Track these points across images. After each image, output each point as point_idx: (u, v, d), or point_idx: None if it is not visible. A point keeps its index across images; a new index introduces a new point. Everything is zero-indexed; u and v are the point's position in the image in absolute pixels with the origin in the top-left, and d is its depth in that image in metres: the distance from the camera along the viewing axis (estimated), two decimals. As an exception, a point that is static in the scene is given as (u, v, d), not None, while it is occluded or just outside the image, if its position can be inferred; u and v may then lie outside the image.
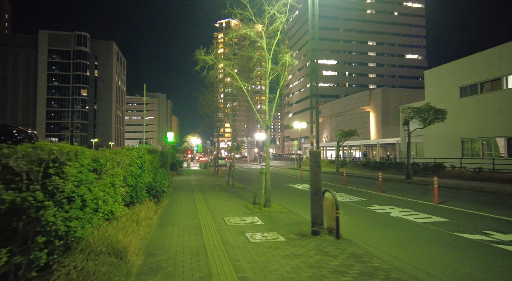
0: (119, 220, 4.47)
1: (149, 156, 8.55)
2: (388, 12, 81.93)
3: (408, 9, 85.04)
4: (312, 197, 4.68)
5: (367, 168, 22.31)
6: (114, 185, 4.37)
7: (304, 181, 15.08)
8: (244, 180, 15.15)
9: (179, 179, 15.35)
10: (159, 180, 7.03)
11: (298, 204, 8.13)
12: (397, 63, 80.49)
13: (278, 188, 11.76)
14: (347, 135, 20.19)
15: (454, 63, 24.44)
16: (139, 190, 5.55)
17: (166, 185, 7.16)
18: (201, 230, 4.86)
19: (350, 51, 79.95)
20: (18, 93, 75.95)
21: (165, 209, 6.63)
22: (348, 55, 79.92)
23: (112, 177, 4.39)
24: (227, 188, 11.09)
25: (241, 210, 6.62)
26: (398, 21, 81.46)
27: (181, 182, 13.67)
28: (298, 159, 29.00)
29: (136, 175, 5.52)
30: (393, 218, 6.29)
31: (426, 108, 14.53)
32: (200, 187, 11.23)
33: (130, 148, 6.08)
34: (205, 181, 14.17)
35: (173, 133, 28.03)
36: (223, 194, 9.19)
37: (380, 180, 10.49)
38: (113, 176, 4.42)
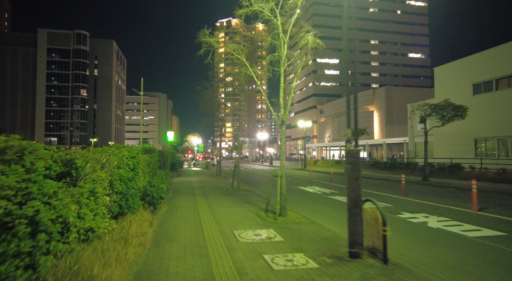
0: (102, 238, 3.46)
1: (146, 156, 7.53)
2: (391, 10, 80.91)
3: (411, 8, 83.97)
4: (350, 209, 3.66)
5: (377, 168, 21.27)
6: (95, 193, 3.35)
7: (314, 183, 14.05)
8: (249, 182, 14.12)
9: (180, 180, 14.35)
10: (156, 184, 6.02)
11: (316, 211, 7.12)
12: (400, 62, 79.49)
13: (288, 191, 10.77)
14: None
15: (466, 59, 23.39)
16: (131, 197, 4.54)
17: (164, 189, 6.16)
18: (206, 249, 3.85)
19: (352, 50, 78.75)
20: (17, 92, 75.11)
21: (163, 218, 5.62)
22: (351, 54, 78.42)
23: (93, 183, 3.36)
24: (232, 191, 10.08)
25: (253, 220, 5.61)
26: (401, 19, 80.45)
27: (181, 183, 12.66)
28: (303, 159, 27.96)
29: (127, 179, 4.51)
30: (434, 230, 5.27)
31: (445, 104, 13.50)
32: (202, 190, 10.22)
33: (120, 146, 5.07)
34: (207, 182, 13.16)
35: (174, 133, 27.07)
36: (228, 199, 8.17)
37: (403, 183, 9.46)
38: (95, 181, 3.40)
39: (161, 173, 8.56)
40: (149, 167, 7.83)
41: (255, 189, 11.23)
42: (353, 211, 3.63)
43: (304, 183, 13.69)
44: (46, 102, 74.42)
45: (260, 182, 14.84)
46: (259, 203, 7.55)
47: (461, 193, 10.48)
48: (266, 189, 11.17)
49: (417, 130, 28.46)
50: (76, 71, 75.73)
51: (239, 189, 10.46)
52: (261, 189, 11.24)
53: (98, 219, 3.33)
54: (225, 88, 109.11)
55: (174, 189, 10.33)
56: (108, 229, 3.67)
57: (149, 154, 8.88)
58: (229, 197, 8.48)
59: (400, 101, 53.86)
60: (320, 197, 9.40)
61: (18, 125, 75.70)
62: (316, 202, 8.54)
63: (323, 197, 9.37)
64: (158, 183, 6.09)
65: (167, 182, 8.51)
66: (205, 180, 14.30)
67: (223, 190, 10.37)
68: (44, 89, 74.08)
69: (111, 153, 4.25)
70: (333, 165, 26.82)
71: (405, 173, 18.30)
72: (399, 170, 19.28)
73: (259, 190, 10.76)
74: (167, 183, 8.65)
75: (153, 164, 8.67)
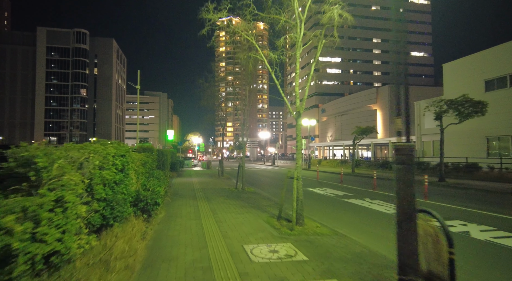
0: (74, 262, 2.60)
1: (141, 155, 6.68)
2: (393, 8, 79.89)
3: (413, 6, 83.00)
4: (400, 223, 2.79)
5: (386, 168, 20.37)
6: (63, 203, 2.48)
7: (323, 184, 13.17)
8: (254, 183, 13.26)
9: (180, 181, 13.50)
10: (151, 187, 5.16)
11: (336, 218, 6.26)
12: (403, 60, 78.55)
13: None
14: (364, 132, 18.23)
15: (478, 55, 22.47)
16: (118, 205, 3.67)
17: (161, 193, 5.30)
18: (212, 273, 3.00)
19: (354, 48, 78.11)
20: (16, 91, 74.44)
21: (159, 228, 4.76)
22: (353, 52, 78.12)
23: (61, 190, 2.50)
24: (236, 193, 9.22)
25: (265, 230, 4.74)
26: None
27: (181, 185, 11.81)
28: (307, 159, 27.09)
29: (113, 182, 3.64)
30: (484, 244, 4.40)
31: (463, 100, 12.61)
32: (204, 192, 9.36)
33: (106, 141, 4.22)
34: (209, 183, 12.30)
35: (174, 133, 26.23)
36: (234, 203, 7.31)
37: (426, 185, 8.58)
38: (64, 187, 2.54)
39: (159, 173, 7.71)
40: (145, 167, 6.98)
41: (262, 191, 10.37)
42: (405, 226, 2.76)
43: (313, 184, 12.82)
44: (45, 102, 73.73)
45: (265, 183, 13.98)
46: (269, 208, 6.69)
47: (485, 195, 9.61)
48: (274, 191, 10.31)
49: (425, 128, 27.56)
50: (75, 70, 74.98)
51: (244, 191, 9.60)
52: (268, 191, 10.39)
53: (68, 237, 2.47)
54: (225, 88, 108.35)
55: (174, 191, 9.47)
56: (85, 248, 2.82)
57: (145, 153, 8.03)
58: (235, 201, 7.62)
59: (404, 100, 52.90)
60: (334, 200, 8.53)
61: (17, 124, 75.08)
62: (331, 206, 7.68)
63: (337, 200, 8.51)
64: (153, 186, 5.23)
65: (165, 184, 7.66)
66: (207, 181, 13.45)
67: (227, 192, 9.51)
68: (44, 88, 73.39)
69: (92, 150, 3.40)
70: (338, 165, 25.96)
71: (416, 173, 17.45)
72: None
73: (267, 192, 9.91)
74: (165, 185, 7.79)
75: (150, 164, 7.81)
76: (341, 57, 77.15)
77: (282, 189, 5.26)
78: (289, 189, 5.54)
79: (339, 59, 77.38)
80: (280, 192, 9.80)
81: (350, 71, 78.84)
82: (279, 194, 9.75)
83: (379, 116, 55.14)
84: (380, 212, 6.73)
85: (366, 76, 78.47)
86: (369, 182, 13.91)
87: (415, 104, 28.88)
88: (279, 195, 9.58)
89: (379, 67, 79.25)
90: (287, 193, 5.38)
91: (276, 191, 10.46)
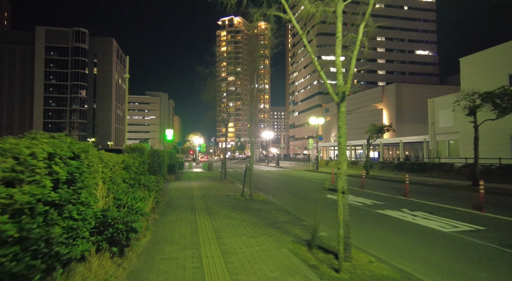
0: None
1: (123, 156, 5.08)
2: (398, 6, 78.33)
3: (418, 3, 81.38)
4: None
5: (402, 170, 18.67)
6: None
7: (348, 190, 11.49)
8: (262, 187, 11.63)
9: (178, 186, 11.90)
10: (129, 203, 3.57)
11: (379, 240, 4.65)
12: (407, 59, 76.96)
13: (314, 202, 8.32)
14: (380, 131, 16.52)
15: (501, 47, 20.83)
16: (45, 245, 2.08)
17: (144, 211, 3.70)
18: None
19: (358, 47, 76.52)
20: (14, 91, 73.28)
21: (137, 266, 3.15)
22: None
23: None
24: (244, 202, 7.61)
25: (298, 272, 3.13)
26: (408, 15, 77.91)
27: (179, 190, 10.21)
28: (314, 160, 25.44)
29: (42, 206, 2.05)
30: None
31: (502, 92, 10.95)
32: (205, 201, 7.76)
33: (45, 134, 2.63)
34: (211, 189, 10.69)
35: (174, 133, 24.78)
36: (243, 217, 5.69)
37: (482, 193, 6.91)
38: None
39: (149, 180, 6.11)
40: (129, 172, 5.38)
41: (273, 198, 8.75)
42: None
43: (329, 189, 11.17)
44: (44, 102, 72.50)
45: (274, 187, 12.35)
46: (291, 226, 5.07)
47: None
48: (287, 199, 8.68)
49: (439, 127, 25.87)
50: (75, 69, 73.75)
51: (253, 199, 7.99)
52: (281, 199, 8.77)
53: None
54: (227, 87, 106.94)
55: (168, 200, 7.86)
56: None
57: (132, 154, 6.45)
58: (244, 214, 6.00)
59: (411, 98, 51.34)
60: (365, 212, 6.91)
61: (16, 125, 73.89)
62: (363, 220, 6.06)
63: (368, 212, 6.89)
64: (132, 200, 3.62)
65: (156, 192, 6.05)
66: (208, 186, 11.84)
67: (233, 200, 7.89)
68: (42, 88, 72.18)
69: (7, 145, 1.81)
70: (348, 166, 24.26)
71: (439, 175, 15.81)
72: (431, 172, 16.70)
73: (279, 200, 8.29)
74: (157, 194, 6.19)
75: (137, 168, 6.22)
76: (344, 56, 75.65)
77: (317, 207, 3.68)
78: (323, 204, 3.95)
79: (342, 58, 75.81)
80: (296, 201, 8.06)
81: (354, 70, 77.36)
82: (296, 204, 7.97)
83: (385, 116, 53.57)
84: (435, 230, 5.12)
85: (370, 75, 76.98)
86: (393, 186, 12.27)
87: (428, 102, 27.21)
88: (296, 205, 7.78)
89: (383, 66, 77.71)
90: (322, 210, 3.76)
91: (290, 199, 8.86)
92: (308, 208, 7.28)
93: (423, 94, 50.92)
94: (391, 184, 13.08)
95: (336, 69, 3.36)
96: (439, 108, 25.78)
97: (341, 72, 3.41)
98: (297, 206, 7.58)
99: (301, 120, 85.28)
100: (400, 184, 12.70)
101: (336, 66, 3.36)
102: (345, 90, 3.27)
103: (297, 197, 9.22)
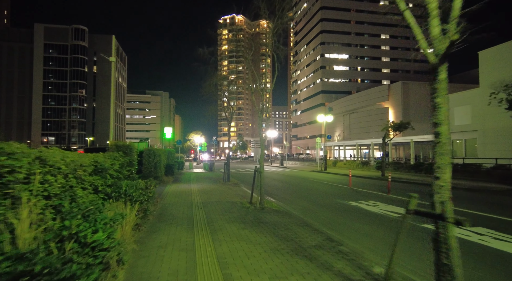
0: None
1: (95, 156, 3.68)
2: (403, 3, 76.70)
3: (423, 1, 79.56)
4: None
5: (419, 171, 17.20)
6: None
7: (362, 194, 10.06)
8: (271, 191, 10.21)
9: (175, 189, 10.50)
10: (82, 234, 2.18)
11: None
12: (412, 57, 75.26)
13: (336, 209, 6.92)
14: (399, 128, 14.97)
15: (524, 39, 19.36)
16: None
17: (106, 246, 2.32)
18: None
19: (362, 45, 75.06)
20: (12, 90, 72.16)
21: None
22: (360, 49, 75.11)
23: None
24: (254, 212, 6.20)
25: None
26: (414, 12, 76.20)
27: (176, 196, 8.81)
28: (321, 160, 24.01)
29: None
30: None
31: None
32: (206, 211, 6.36)
33: None
34: (213, 193, 9.29)
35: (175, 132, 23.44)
36: (258, 239, 4.27)
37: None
38: None
39: (135, 185, 4.70)
40: (103, 178, 3.97)
41: (288, 205, 7.33)
42: None
43: (349, 195, 9.73)
44: (43, 100, 71.36)
45: (285, 190, 10.92)
46: (327, 254, 3.65)
47: None
48: (305, 207, 7.25)
49: (454, 126, 24.37)
50: (74, 67, 72.57)
51: (264, 209, 6.58)
52: (297, 207, 7.35)
53: None
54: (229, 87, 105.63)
55: (161, 209, 6.47)
56: None
57: (110, 153, 5.04)
58: (258, 233, 4.58)
59: (418, 97, 49.78)
60: (411, 228, 5.47)
61: (14, 124, 72.81)
62: (417, 240, 4.63)
63: (414, 227, 5.42)
64: (87, 230, 2.22)
65: (139, 205, 4.64)
66: (209, 189, 10.44)
67: (240, 210, 6.48)
68: (41, 86, 71.02)
69: None
70: (358, 167, 22.83)
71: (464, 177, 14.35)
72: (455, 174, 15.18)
73: (297, 210, 6.87)
74: (144, 204, 4.78)
75: (118, 171, 4.82)
76: (348, 54, 74.16)
77: (397, 237, 2.28)
78: (398, 231, 2.54)
79: (346, 56, 74.39)
80: (316, 211, 6.53)
81: (358, 68, 75.91)
82: (318, 214, 6.28)
83: (391, 114, 52.08)
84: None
85: (374, 74, 75.53)
86: (420, 190, 10.81)
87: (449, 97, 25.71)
88: (318, 216, 6.12)
89: (388, 64, 76.17)
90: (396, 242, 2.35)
91: (308, 208, 7.44)
92: (335, 221, 5.87)
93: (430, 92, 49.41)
94: (416, 187, 11.64)
95: (429, 10, 1.95)
96: (454, 105, 24.27)
97: (436, 15, 1.99)
98: (321, 218, 6.16)
99: (304, 119, 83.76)
100: (425, 187, 11.24)
101: (429, 5, 1.95)
102: (451, 41, 1.86)
103: (315, 204, 7.78)
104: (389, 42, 76.22)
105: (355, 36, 75.62)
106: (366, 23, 75.61)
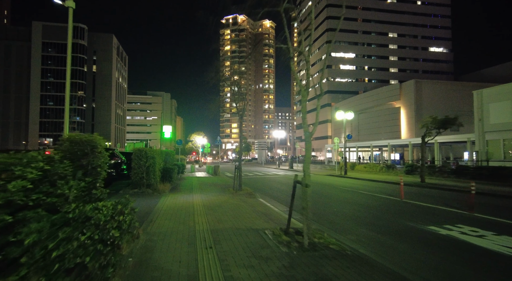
0: None
1: None
2: (410, 1, 74.24)
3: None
4: None
5: (463, 176, 14.51)
6: None
7: (424, 209, 7.34)
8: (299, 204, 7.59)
9: (171, 203, 7.89)
10: None
11: None
12: (421, 56, 72.70)
13: (429, 247, 4.30)
14: (444, 124, 12.19)
15: None
16: None
17: None
18: None
19: (369, 43, 72.49)
20: (10, 89, 70.08)
21: None
22: (368, 48, 72.54)
23: None
24: (306, 259, 3.61)
25: None
26: (421, 11, 73.79)
27: (170, 218, 6.18)
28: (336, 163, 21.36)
29: None
30: None
31: None
32: (221, 255, 3.77)
33: None
34: (224, 211, 6.69)
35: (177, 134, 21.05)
36: None
37: None
38: None
39: (98, 210, 2.14)
40: None
41: (347, 236, 4.71)
42: None
43: (414, 212, 7.04)
44: (41, 100, 69.19)
45: (317, 204, 8.28)
46: None
47: None
48: (369, 237, 4.51)
49: (490, 124, 21.66)
50: (73, 67, 70.44)
51: (316, 248, 3.96)
52: (356, 236, 4.73)
53: None
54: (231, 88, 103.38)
55: (140, 257, 3.84)
56: None
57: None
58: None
59: (431, 96, 47.04)
60: None
61: (11, 124, 70.68)
62: None
63: None
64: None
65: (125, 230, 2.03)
66: (218, 203, 7.84)
67: (278, 253, 3.86)
68: (39, 86, 68.89)
69: None
70: (383, 171, 20.14)
71: (497, 184, 11.72)
72: (509, 180, 12.51)
73: (364, 245, 4.26)
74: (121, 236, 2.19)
75: (68, 185, 2.24)
76: (355, 53, 71.66)
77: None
78: None
79: (353, 55, 71.87)
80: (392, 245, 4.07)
81: (365, 67, 73.34)
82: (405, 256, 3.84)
83: (403, 115, 49.43)
84: None
85: (381, 73, 72.96)
86: (497, 204, 8.12)
87: (474, 95, 23.03)
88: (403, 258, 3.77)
89: (395, 64, 73.58)
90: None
91: (373, 237, 4.81)
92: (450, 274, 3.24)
93: (444, 91, 46.58)
94: (493, 200, 8.94)
95: None
96: (489, 101, 21.56)
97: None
98: (419, 265, 3.53)
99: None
100: (497, 199, 8.56)
101: None
102: None
103: (382, 233, 5.03)
104: (397, 40, 73.77)
105: (362, 35, 73.15)
106: (373, 21, 73.17)
